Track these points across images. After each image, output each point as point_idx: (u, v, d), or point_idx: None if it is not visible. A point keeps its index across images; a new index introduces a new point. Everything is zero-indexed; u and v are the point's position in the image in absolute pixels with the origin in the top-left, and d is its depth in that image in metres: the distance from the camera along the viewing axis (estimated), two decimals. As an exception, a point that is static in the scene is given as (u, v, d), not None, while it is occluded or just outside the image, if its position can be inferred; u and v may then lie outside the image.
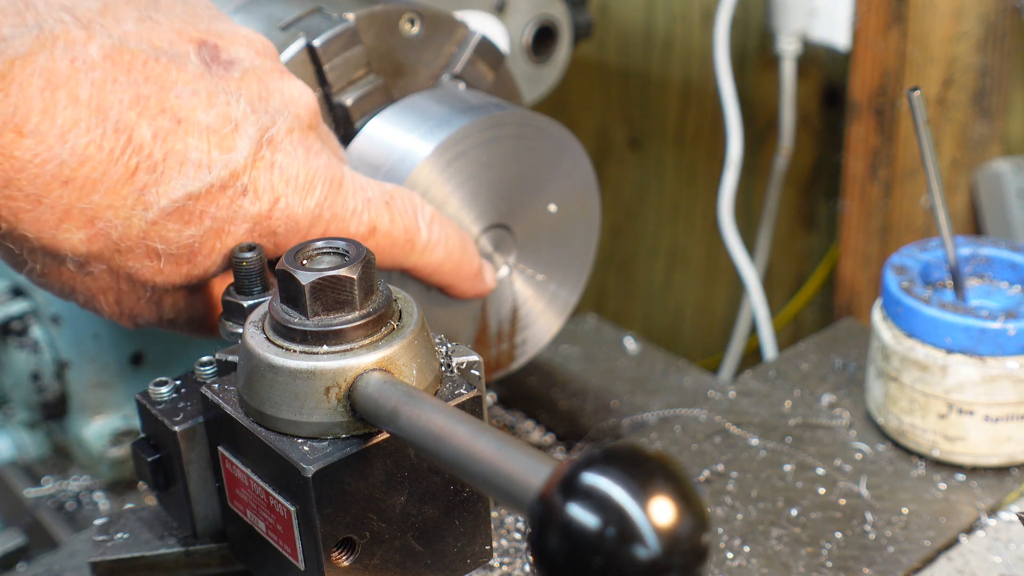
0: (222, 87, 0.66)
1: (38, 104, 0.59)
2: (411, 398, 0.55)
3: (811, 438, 0.89)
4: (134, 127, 0.62)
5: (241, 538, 0.65)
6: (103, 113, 0.61)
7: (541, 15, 1.00)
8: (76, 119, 0.60)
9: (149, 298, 0.69)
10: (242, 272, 0.67)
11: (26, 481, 1.00)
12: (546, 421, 1.06)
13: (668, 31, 1.46)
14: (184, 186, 0.64)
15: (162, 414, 0.64)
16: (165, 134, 0.63)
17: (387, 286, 0.61)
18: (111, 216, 0.62)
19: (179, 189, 0.64)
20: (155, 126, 0.63)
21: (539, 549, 0.43)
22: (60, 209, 0.61)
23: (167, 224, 0.64)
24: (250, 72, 0.68)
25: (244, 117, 0.66)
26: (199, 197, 0.64)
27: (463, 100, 0.80)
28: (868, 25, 1.13)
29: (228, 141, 0.65)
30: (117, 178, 0.62)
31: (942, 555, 0.79)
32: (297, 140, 0.68)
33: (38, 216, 0.61)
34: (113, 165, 0.61)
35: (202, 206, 0.65)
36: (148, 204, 0.63)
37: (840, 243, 1.25)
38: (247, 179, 0.66)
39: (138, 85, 0.63)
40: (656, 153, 1.55)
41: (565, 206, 0.85)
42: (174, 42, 0.66)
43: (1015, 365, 0.81)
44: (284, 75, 0.70)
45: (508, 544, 0.81)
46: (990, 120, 1.17)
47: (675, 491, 0.42)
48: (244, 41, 0.69)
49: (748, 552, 0.78)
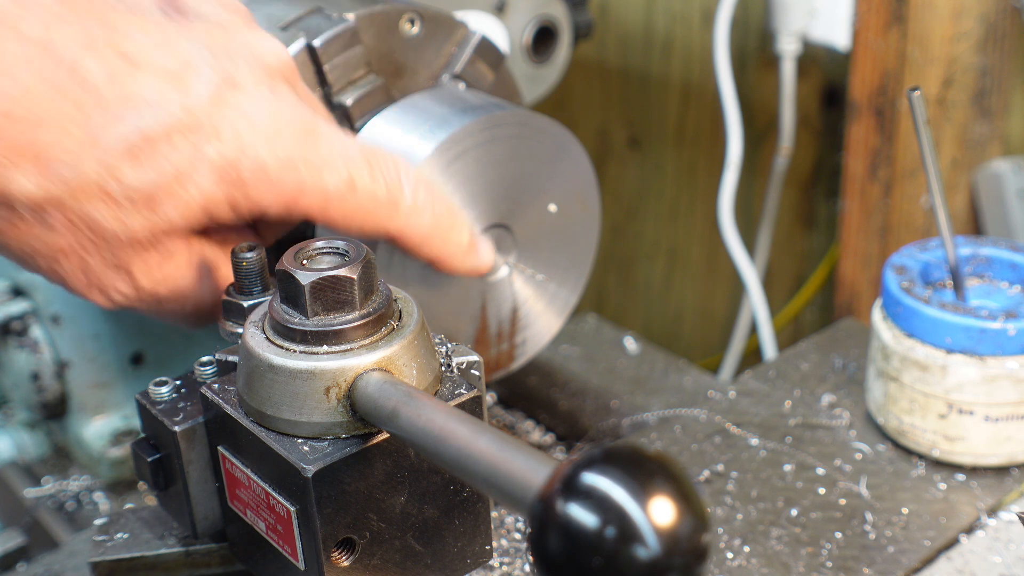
0: (184, 35, 0.64)
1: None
2: (411, 398, 0.55)
3: (811, 438, 0.89)
4: (85, 65, 0.60)
5: (241, 538, 0.65)
6: (51, 51, 0.59)
7: (541, 15, 1.00)
8: (24, 55, 0.59)
9: (117, 262, 0.65)
10: (242, 272, 0.67)
11: (26, 481, 1.00)
12: (546, 421, 1.06)
13: (668, 31, 1.46)
14: (137, 125, 0.61)
15: (162, 414, 0.64)
16: (116, 72, 0.61)
17: (387, 286, 0.61)
18: (60, 155, 0.60)
19: (132, 128, 0.61)
20: (106, 65, 0.61)
21: (539, 549, 0.43)
22: (6, 144, 0.59)
23: (121, 166, 0.61)
24: (215, 25, 0.66)
25: (204, 61, 0.64)
26: (154, 138, 0.62)
27: (463, 100, 0.80)
28: (868, 25, 1.13)
29: (186, 83, 0.63)
30: (65, 114, 0.60)
31: (942, 555, 0.79)
32: (264, 87, 0.66)
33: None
34: (60, 100, 0.60)
35: (159, 148, 0.62)
36: (99, 143, 0.61)
37: (840, 243, 1.25)
38: (207, 122, 0.63)
39: (92, 28, 0.61)
40: (656, 153, 1.55)
41: (565, 206, 0.85)
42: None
43: (1015, 365, 0.81)
44: (254, 30, 0.68)
45: (508, 544, 0.81)
46: (990, 120, 1.17)
47: (675, 491, 0.42)
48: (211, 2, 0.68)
49: (748, 552, 0.78)
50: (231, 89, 0.64)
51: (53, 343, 0.92)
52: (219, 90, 0.63)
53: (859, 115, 1.17)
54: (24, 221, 0.63)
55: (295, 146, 0.65)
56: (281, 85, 0.67)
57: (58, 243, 0.64)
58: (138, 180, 0.62)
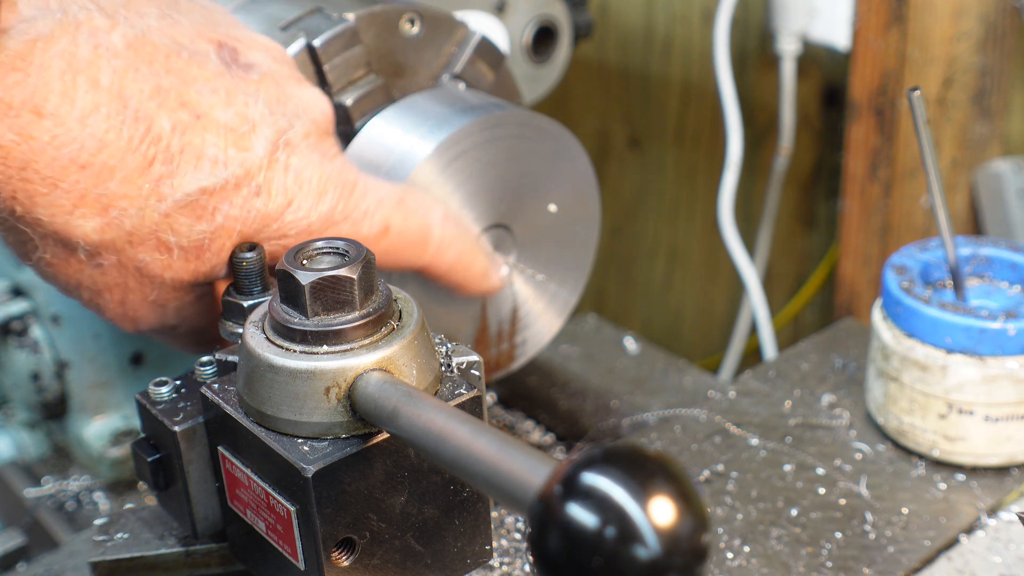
0: (241, 87, 0.66)
1: (58, 86, 0.59)
2: (411, 398, 0.55)
3: (811, 438, 0.89)
4: (154, 117, 0.62)
5: (241, 538, 0.65)
6: (123, 101, 0.61)
7: (541, 15, 1.00)
8: (96, 104, 0.60)
9: (155, 299, 0.69)
10: (242, 272, 0.67)
11: (26, 481, 1.00)
12: (546, 421, 1.06)
13: (668, 31, 1.46)
14: (199, 180, 0.64)
15: (162, 414, 0.64)
16: (184, 127, 0.63)
17: (387, 286, 0.61)
18: (126, 204, 0.63)
19: (194, 183, 0.64)
20: (174, 118, 0.63)
21: (539, 549, 0.43)
22: (76, 194, 0.61)
23: (179, 217, 0.64)
24: (268, 76, 0.68)
25: (262, 118, 0.66)
26: (213, 193, 0.65)
27: (463, 100, 0.80)
28: (868, 25, 1.13)
29: (245, 140, 0.65)
30: (134, 167, 0.62)
31: (942, 555, 0.79)
32: (313, 144, 0.69)
33: (53, 200, 0.61)
34: (131, 153, 0.62)
35: (215, 202, 0.65)
36: (162, 195, 0.63)
37: (840, 243, 1.25)
38: (261, 179, 0.66)
39: (159, 76, 0.63)
40: (656, 153, 1.55)
41: (565, 206, 0.85)
42: (195, 40, 0.66)
43: (1015, 365, 0.81)
44: (301, 82, 0.71)
45: (508, 544, 0.81)
46: (990, 120, 1.17)
47: (675, 491, 0.42)
48: (262, 47, 0.70)
49: (748, 552, 0.78)
50: (284, 148, 0.67)
51: (53, 343, 0.92)
52: (274, 148, 0.67)
53: (859, 115, 1.17)
54: (79, 261, 0.65)
55: (336, 202, 0.69)
56: (327, 141, 0.70)
57: (105, 281, 0.67)
58: (193, 232, 0.65)
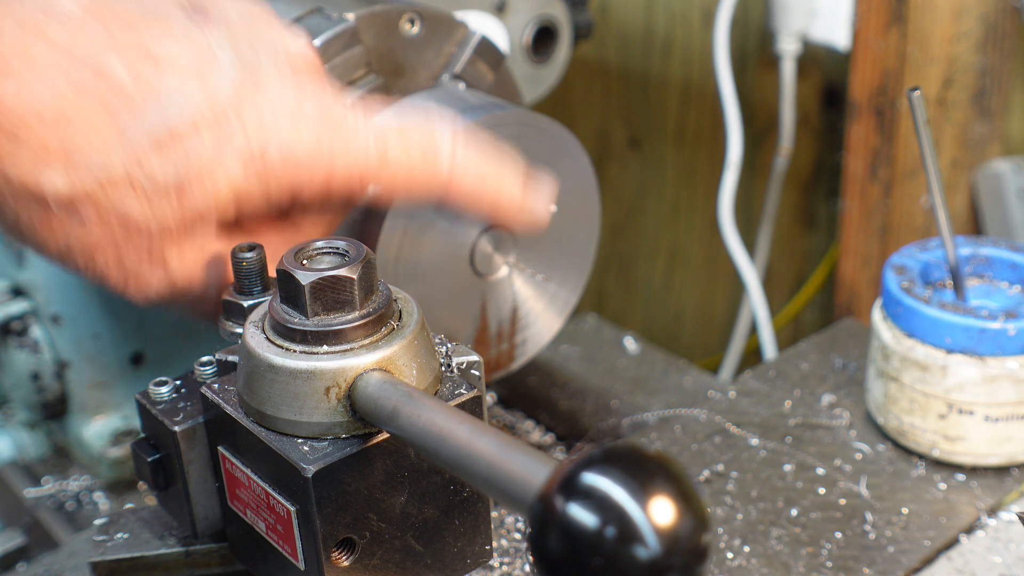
0: (205, 33, 0.66)
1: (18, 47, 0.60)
2: (411, 398, 0.55)
3: (811, 438, 0.89)
4: (108, 64, 0.62)
5: (241, 538, 0.65)
6: (75, 53, 0.62)
7: (541, 15, 1.00)
8: (51, 59, 0.61)
9: (151, 255, 0.67)
10: (242, 272, 0.67)
11: (26, 481, 1.00)
12: (546, 421, 1.06)
13: (668, 31, 1.46)
14: (162, 119, 0.63)
15: (162, 414, 0.64)
16: (140, 70, 0.63)
17: (387, 286, 0.61)
18: (89, 152, 0.62)
19: (157, 122, 0.63)
20: (130, 64, 0.63)
21: (539, 549, 0.43)
22: (37, 145, 0.61)
23: (148, 158, 0.63)
24: (238, 23, 0.68)
25: (227, 57, 0.65)
26: (179, 130, 0.63)
27: (463, 100, 0.80)
28: (868, 25, 1.13)
29: (209, 77, 0.64)
30: (92, 113, 0.62)
31: (942, 555, 0.79)
32: (287, 79, 0.67)
33: (15, 153, 0.61)
34: (87, 99, 0.62)
35: (185, 140, 0.64)
36: (126, 138, 0.63)
37: (840, 243, 1.25)
38: (232, 113, 0.65)
39: (114, 32, 0.63)
40: (656, 153, 1.55)
41: (565, 206, 0.85)
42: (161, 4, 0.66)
43: (1015, 365, 0.81)
44: (274, 25, 0.69)
45: (508, 544, 0.81)
46: (990, 120, 1.17)
47: (675, 491, 0.42)
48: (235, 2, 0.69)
49: (748, 552, 0.78)
50: (254, 82, 0.65)
51: (53, 343, 0.92)
52: (242, 83, 0.65)
53: (859, 115, 1.17)
54: (57, 218, 0.64)
55: (321, 129, 0.66)
56: (304, 78, 0.68)
57: (92, 238, 0.65)
58: (165, 172, 0.64)
